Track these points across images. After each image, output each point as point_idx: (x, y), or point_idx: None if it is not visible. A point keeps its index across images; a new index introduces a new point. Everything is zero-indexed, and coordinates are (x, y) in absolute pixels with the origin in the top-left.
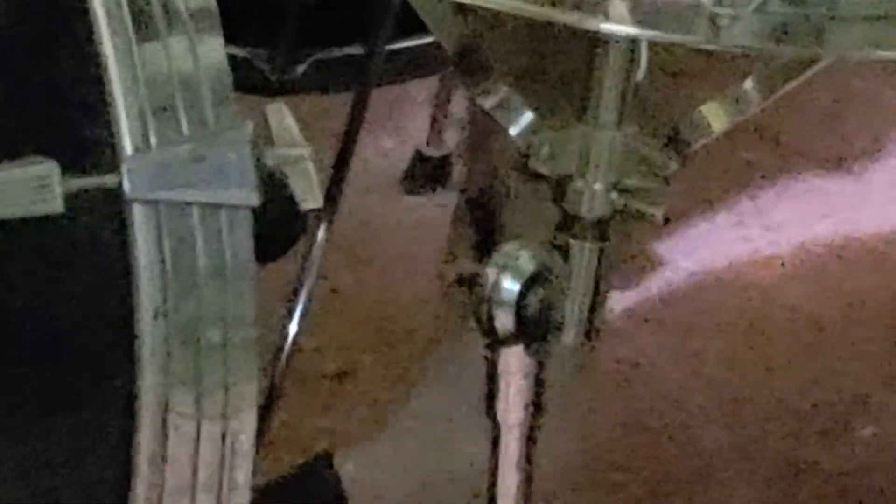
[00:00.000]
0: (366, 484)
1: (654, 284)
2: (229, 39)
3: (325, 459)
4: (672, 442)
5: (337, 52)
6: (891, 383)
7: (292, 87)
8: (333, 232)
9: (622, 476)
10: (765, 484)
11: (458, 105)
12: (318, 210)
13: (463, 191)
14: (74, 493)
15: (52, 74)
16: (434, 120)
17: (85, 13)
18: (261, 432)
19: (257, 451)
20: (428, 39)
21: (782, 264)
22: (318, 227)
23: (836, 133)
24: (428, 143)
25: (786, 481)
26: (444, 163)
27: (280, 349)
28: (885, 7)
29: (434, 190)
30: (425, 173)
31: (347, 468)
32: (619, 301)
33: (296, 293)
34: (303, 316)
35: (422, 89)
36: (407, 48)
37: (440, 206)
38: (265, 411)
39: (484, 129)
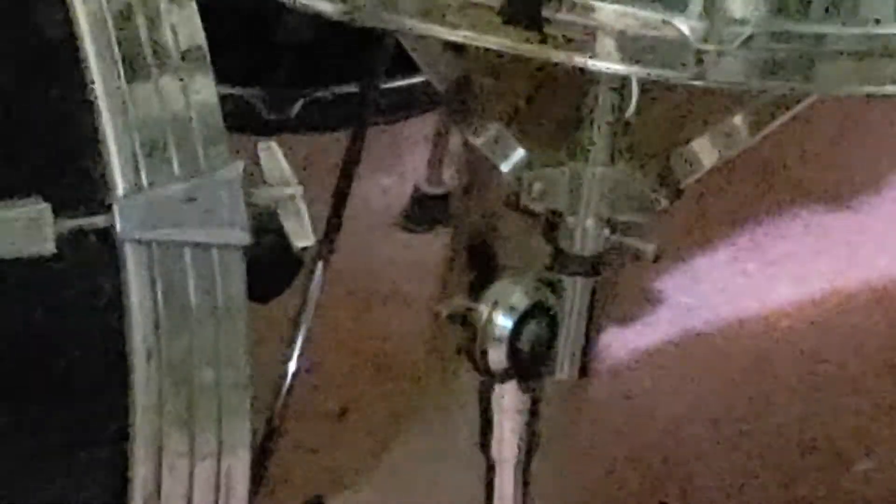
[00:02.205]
0: None
1: (653, 320)
2: (225, 78)
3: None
4: (671, 478)
5: (332, 91)
6: (889, 419)
7: (288, 125)
8: (332, 270)
9: None
10: None
11: (458, 143)
12: (316, 248)
13: (458, 229)
14: None
15: (43, 116)
16: (433, 157)
17: (75, 54)
18: (260, 470)
19: (258, 490)
20: (422, 77)
21: (781, 300)
22: (315, 264)
23: (835, 167)
24: (427, 181)
25: None
26: (443, 200)
27: (279, 387)
28: (871, 43)
29: (433, 227)
30: (424, 211)
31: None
32: (617, 337)
33: (294, 331)
34: (301, 353)
35: (421, 127)
36: (403, 86)
37: (439, 243)
38: (265, 449)
39: (477, 166)
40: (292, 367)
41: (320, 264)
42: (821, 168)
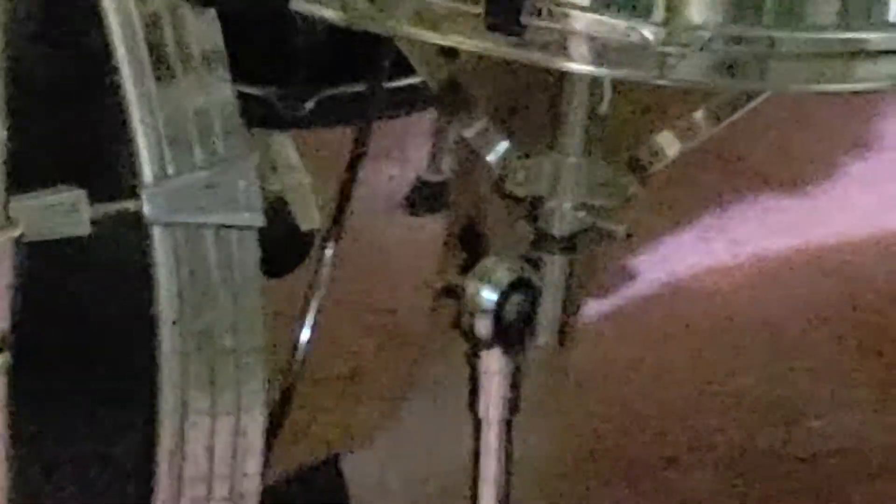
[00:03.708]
0: (368, 473)
1: (627, 293)
2: (245, 78)
3: (332, 462)
4: (642, 433)
5: (342, 90)
6: (839, 380)
7: (302, 121)
8: (342, 249)
9: (596, 464)
10: (726, 469)
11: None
12: (326, 230)
13: (452, 213)
14: (104, 480)
15: (80, 113)
16: (433, 149)
17: (109, 58)
18: (278, 428)
19: (273, 446)
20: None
21: (743, 276)
22: (326, 244)
23: (791, 157)
24: (428, 170)
25: (746, 467)
26: (442, 187)
27: (294, 354)
28: (820, 45)
29: (434, 211)
30: (426, 197)
31: (354, 459)
32: (596, 308)
33: (307, 304)
34: (314, 324)
35: (422, 122)
36: (406, 85)
37: (439, 226)
38: (282, 409)
39: (468, 157)
40: (305, 335)
41: (331, 244)
42: (778, 158)
